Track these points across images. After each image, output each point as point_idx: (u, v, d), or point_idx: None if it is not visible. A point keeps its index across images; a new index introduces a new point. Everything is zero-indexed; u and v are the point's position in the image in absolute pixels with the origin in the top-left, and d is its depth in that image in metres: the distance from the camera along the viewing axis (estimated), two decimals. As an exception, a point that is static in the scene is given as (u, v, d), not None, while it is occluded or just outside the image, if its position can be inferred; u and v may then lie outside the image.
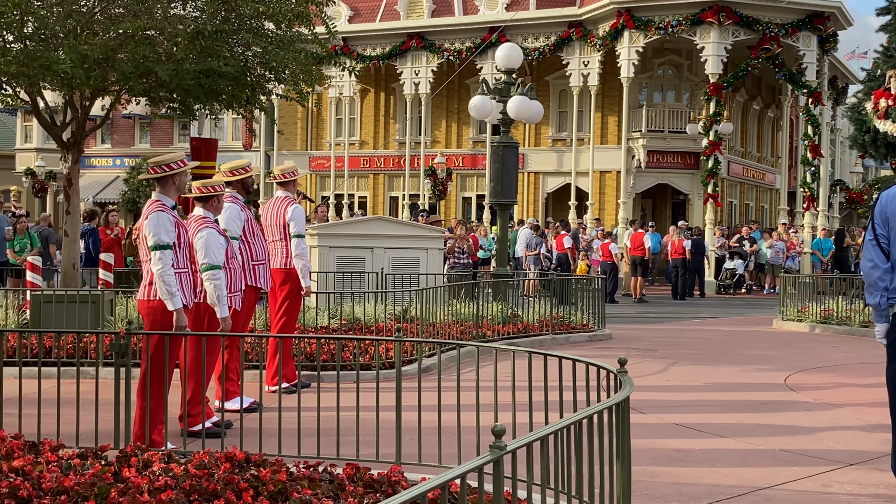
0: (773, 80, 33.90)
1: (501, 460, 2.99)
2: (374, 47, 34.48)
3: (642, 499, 5.41)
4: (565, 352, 5.48)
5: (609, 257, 22.55)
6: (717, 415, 8.09)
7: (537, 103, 15.01)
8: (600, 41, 30.32)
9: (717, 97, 27.78)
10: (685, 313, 19.56)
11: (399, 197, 36.60)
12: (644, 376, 10.14)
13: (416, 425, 5.69)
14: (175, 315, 6.22)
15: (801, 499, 5.55)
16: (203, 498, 4.37)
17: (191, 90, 11.82)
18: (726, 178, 33.90)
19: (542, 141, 34.74)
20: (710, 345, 13.46)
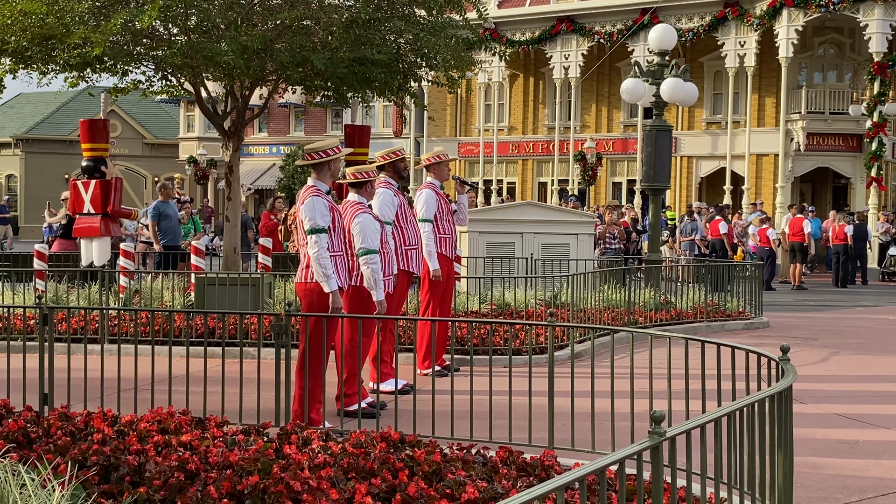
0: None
1: (661, 447, 2.94)
2: (524, 32, 34.36)
3: (804, 490, 5.23)
4: (721, 339, 5.34)
5: (766, 243, 21.84)
6: (883, 406, 7.76)
7: (691, 85, 14.66)
8: (757, 20, 29.33)
9: (881, 76, 26.51)
10: (847, 301, 18.76)
11: (548, 182, 36.45)
12: (804, 365, 9.75)
13: (568, 411, 5.66)
14: (331, 297, 6.38)
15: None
16: (360, 476, 4.47)
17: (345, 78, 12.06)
18: (891, 162, 32.28)
19: (696, 124, 33.92)
20: (874, 334, 12.88)
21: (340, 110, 28.62)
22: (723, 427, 3.42)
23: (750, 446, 3.76)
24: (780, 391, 3.87)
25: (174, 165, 45.79)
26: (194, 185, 43.42)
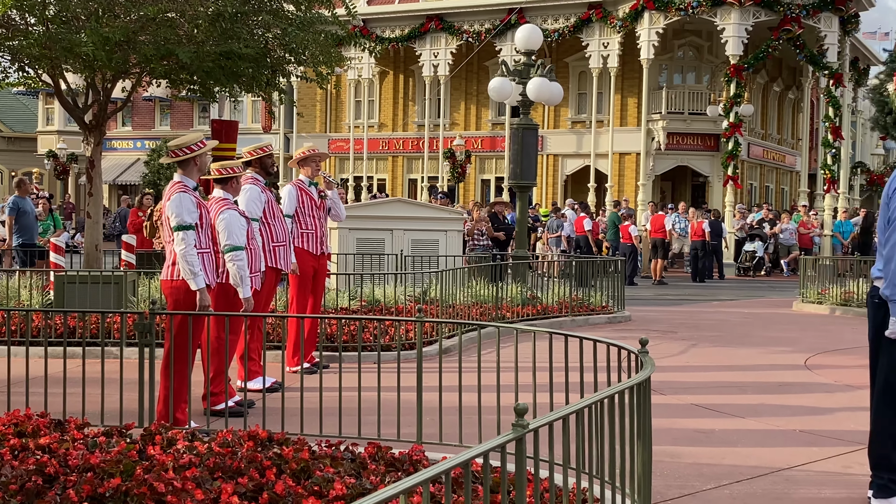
0: (794, 62, 33.67)
1: (524, 439, 3.01)
2: (394, 29, 34.43)
3: (663, 478, 5.43)
4: (585, 333, 5.50)
5: (629, 239, 22.51)
6: (737, 396, 8.11)
7: (557, 85, 14.97)
8: (620, 22, 30.18)
9: (737, 79, 27.64)
10: (704, 295, 19.52)
11: (418, 179, 36.63)
12: (664, 358, 10.14)
13: (437, 405, 5.72)
14: (198, 295, 6.28)
15: (821, 479, 5.56)
16: (227, 475, 4.42)
17: (211, 72, 11.87)
18: (746, 161, 33.76)
19: (562, 123, 34.67)
20: (730, 327, 13.44)
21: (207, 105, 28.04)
22: (584, 418, 3.52)
23: (611, 437, 3.89)
24: (639, 382, 4.00)
25: (33, 160, 44.05)
26: (54, 181, 41.88)
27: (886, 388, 5.03)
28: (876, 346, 5.12)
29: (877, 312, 5.08)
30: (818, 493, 5.31)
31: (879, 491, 5.01)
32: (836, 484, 5.48)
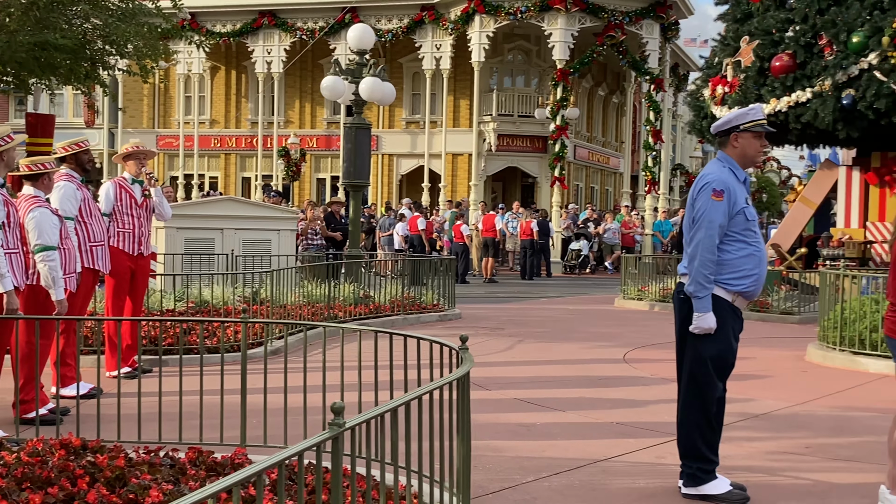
0: (618, 67, 34.93)
1: (341, 437, 3.01)
2: (225, 24, 33.74)
3: (485, 472, 5.53)
4: (414, 331, 5.54)
5: (461, 238, 22.83)
6: (559, 390, 8.34)
7: (389, 85, 15.02)
8: (452, 25, 30.57)
9: (563, 83, 28.43)
10: (533, 293, 20.01)
11: (251, 178, 36.03)
12: (490, 354, 10.35)
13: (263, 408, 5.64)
14: (6, 297, 5.97)
15: (636, 470, 5.79)
16: (36, 486, 4.22)
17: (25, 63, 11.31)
18: (573, 162, 34.83)
19: (396, 123, 34.82)
20: (555, 323, 13.83)
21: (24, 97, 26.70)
22: (400, 415, 3.55)
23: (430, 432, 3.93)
24: (458, 378, 4.06)
25: None
26: None
27: (691, 380, 5.28)
28: (682, 339, 5.37)
29: (682, 307, 5.33)
30: (633, 483, 5.52)
31: (689, 480, 5.26)
32: (650, 474, 5.71)
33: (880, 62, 14.90)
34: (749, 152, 5.30)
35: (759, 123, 5.27)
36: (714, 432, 5.30)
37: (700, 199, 5.21)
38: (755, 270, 5.23)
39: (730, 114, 5.43)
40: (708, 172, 5.30)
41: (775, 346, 11.49)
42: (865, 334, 9.87)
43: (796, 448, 6.40)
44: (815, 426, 7.12)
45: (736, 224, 5.20)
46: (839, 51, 15.28)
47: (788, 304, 15.12)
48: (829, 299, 10.76)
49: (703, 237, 5.13)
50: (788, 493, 5.34)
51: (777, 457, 6.15)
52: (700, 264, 5.11)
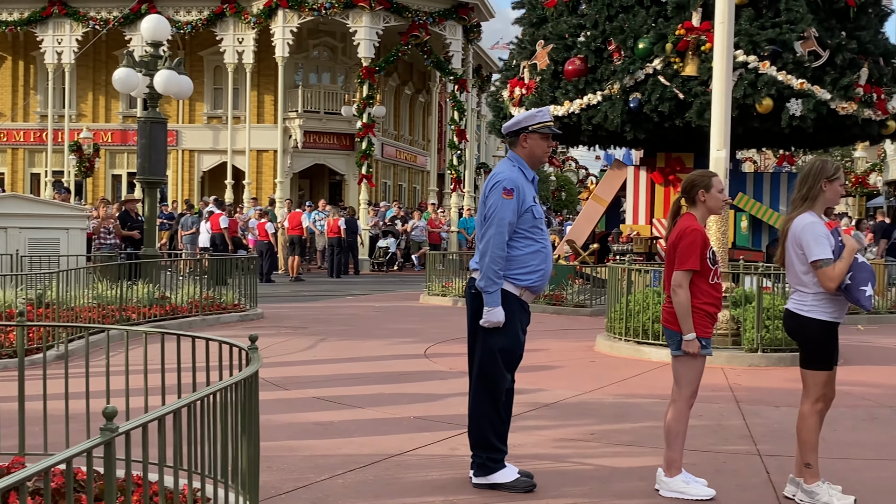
0: (423, 67, 35.36)
1: (113, 442, 2.92)
2: (11, 12, 31.89)
3: (279, 472, 5.49)
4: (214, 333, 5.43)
5: (265, 237, 22.52)
6: (359, 387, 8.37)
7: (186, 78, 14.63)
8: (254, 18, 30.08)
9: (369, 81, 28.50)
10: (339, 291, 20.00)
11: (41, 174, 34.23)
12: (291, 353, 10.28)
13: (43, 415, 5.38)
14: None
15: (430, 462, 5.89)
16: None
17: None
18: (380, 160, 35.02)
19: (197, 118, 33.96)
20: (360, 320, 13.88)
21: None
22: (183, 418, 3.48)
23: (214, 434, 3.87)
24: (244, 379, 4.02)
25: None
26: None
27: (481, 372, 5.43)
28: (473, 333, 5.51)
29: (473, 301, 5.48)
30: (426, 475, 5.61)
31: (479, 469, 5.40)
32: (443, 466, 5.82)
33: (664, 67, 15.77)
34: (537, 152, 5.48)
35: (546, 125, 5.46)
36: (503, 422, 5.47)
37: (491, 197, 5.35)
38: (542, 266, 5.43)
39: (519, 115, 5.59)
40: (499, 171, 5.46)
41: (567, 338, 11.96)
42: (648, 325, 10.43)
43: (582, 435, 6.69)
44: (600, 413, 7.46)
45: (524, 222, 5.37)
46: (627, 56, 16.07)
47: (581, 297, 15.77)
48: (617, 292, 11.29)
49: (493, 234, 5.27)
50: (573, 478, 5.57)
51: (564, 444, 6.40)
52: (491, 260, 5.25)
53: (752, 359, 10.08)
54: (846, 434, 6.88)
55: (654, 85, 15.79)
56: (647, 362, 10.05)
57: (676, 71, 15.64)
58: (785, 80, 15.36)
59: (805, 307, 5.14)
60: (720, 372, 9.48)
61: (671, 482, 5.26)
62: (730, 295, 10.55)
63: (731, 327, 10.47)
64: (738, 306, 10.59)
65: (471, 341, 5.55)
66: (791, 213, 5.31)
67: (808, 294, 5.14)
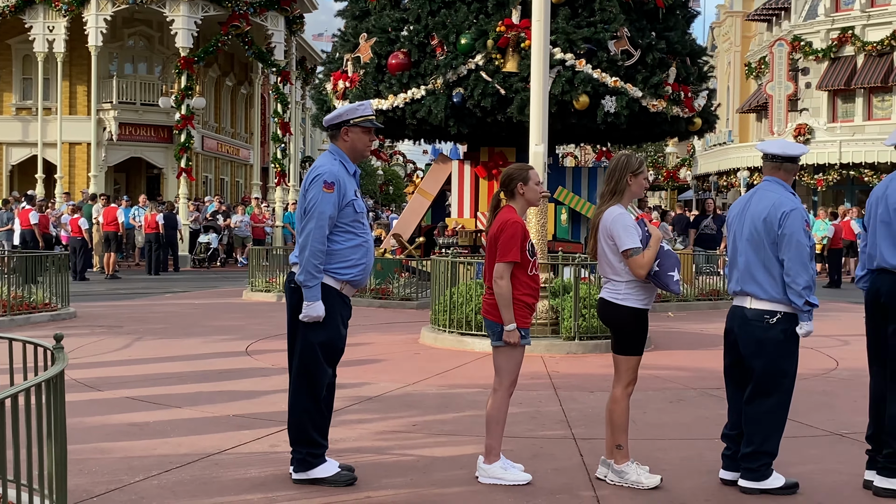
0: (245, 58, 34.69)
1: None
2: None
3: (90, 476, 5.28)
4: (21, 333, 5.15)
5: (79, 233, 21.58)
6: (176, 386, 8.14)
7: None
8: (66, 6, 28.71)
9: (188, 71, 27.75)
10: (158, 288, 19.40)
11: None
12: (105, 353, 9.91)
13: None
14: None
15: (249, 460, 5.79)
16: None
17: None
18: (201, 153, 34.17)
19: (6, 109, 32.23)
20: (179, 318, 13.50)
21: None
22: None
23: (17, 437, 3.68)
24: (48, 379, 3.83)
25: None
26: None
27: (301, 367, 5.38)
28: (293, 328, 5.45)
29: (292, 296, 5.41)
30: (245, 473, 5.51)
31: (299, 465, 5.35)
32: (263, 463, 5.73)
33: (486, 63, 16.03)
34: (359, 146, 5.45)
35: (367, 119, 5.44)
36: (323, 417, 5.43)
37: (311, 190, 5.29)
38: (363, 260, 5.42)
39: (341, 108, 5.55)
40: (319, 165, 5.40)
41: (393, 331, 12.00)
42: (472, 316, 10.60)
43: (405, 427, 6.73)
44: (423, 405, 7.53)
45: (345, 215, 5.34)
46: (449, 51, 16.24)
47: (408, 290, 15.87)
48: (441, 285, 11.42)
49: (313, 228, 5.21)
50: (394, 469, 5.60)
51: (386, 436, 6.42)
52: (310, 254, 5.20)
53: (570, 346, 10.41)
54: (655, 416, 7.20)
55: (477, 80, 16.02)
56: (470, 353, 10.21)
57: (498, 67, 15.92)
58: (600, 78, 15.88)
59: (619, 296, 5.34)
60: (539, 360, 9.74)
61: (490, 469, 5.36)
62: (549, 285, 10.85)
63: (550, 317, 10.77)
64: (556, 296, 10.90)
65: (290, 336, 5.48)
66: (600, 206, 5.50)
67: (620, 283, 5.34)
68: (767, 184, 5.38)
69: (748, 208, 5.36)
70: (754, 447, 5.22)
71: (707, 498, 5.16)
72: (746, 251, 5.28)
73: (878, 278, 5.36)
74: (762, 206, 5.25)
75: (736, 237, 5.40)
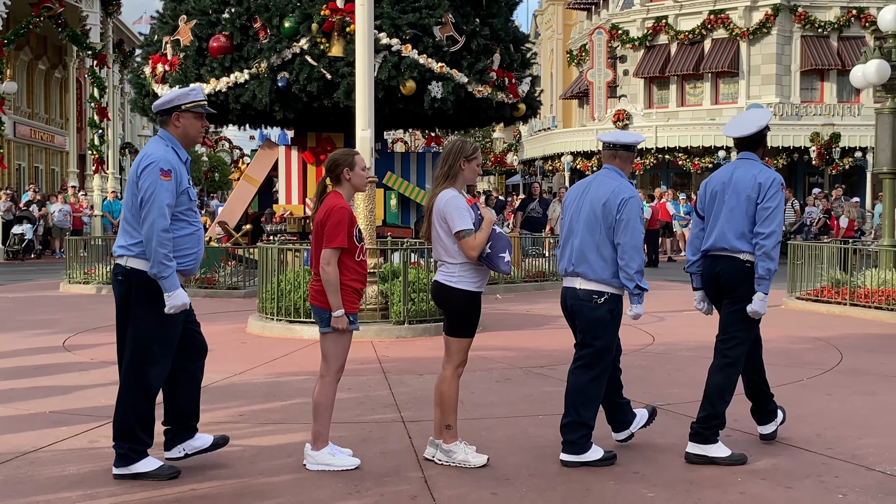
0: (59, 40, 33.09)
1: None
2: None
3: None
4: None
5: None
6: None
7: None
8: None
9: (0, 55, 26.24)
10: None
11: None
12: None
13: None
14: None
15: (67, 457, 5.56)
16: None
17: None
18: (13, 140, 32.47)
19: None
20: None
21: None
22: None
23: None
24: None
25: None
26: None
27: (131, 362, 5.19)
28: (122, 322, 5.26)
29: (120, 288, 5.25)
30: (63, 470, 5.29)
31: (121, 460, 5.17)
32: (82, 459, 5.52)
33: (311, 47, 15.89)
34: (191, 132, 5.33)
35: (199, 104, 5.33)
36: (152, 412, 5.26)
37: (146, 178, 5.10)
38: (195, 249, 5.29)
39: (171, 93, 5.40)
40: (152, 152, 5.21)
41: (220, 321, 11.76)
42: (300, 303, 10.50)
43: (231, 417, 6.61)
44: (250, 394, 7.41)
45: (180, 204, 5.21)
46: (273, 35, 16.00)
47: (235, 279, 15.58)
48: (269, 273, 11.26)
49: (156, 217, 5.05)
50: (220, 460, 5.49)
51: (212, 427, 6.26)
52: (157, 244, 5.04)
53: (400, 331, 10.47)
54: (482, 396, 7.33)
55: (302, 65, 15.86)
56: (298, 341, 10.11)
57: (323, 51, 15.81)
58: (426, 64, 16.01)
59: (453, 279, 5.41)
60: (369, 345, 9.75)
61: (317, 455, 5.34)
62: (378, 270, 10.87)
63: (380, 301, 10.80)
64: (386, 281, 10.93)
65: (120, 328, 5.28)
66: (434, 189, 5.56)
67: (454, 266, 5.40)
68: (606, 171, 5.64)
69: (587, 193, 5.58)
70: (571, 418, 5.42)
71: (531, 473, 5.30)
72: (582, 233, 5.49)
73: (718, 261, 5.71)
74: (602, 192, 5.49)
75: (572, 219, 5.61)
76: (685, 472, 5.31)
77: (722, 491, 4.97)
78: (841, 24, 37.14)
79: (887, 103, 14.42)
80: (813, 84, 38.11)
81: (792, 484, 5.10)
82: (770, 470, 5.35)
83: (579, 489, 5.01)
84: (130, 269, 5.15)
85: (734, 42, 37.66)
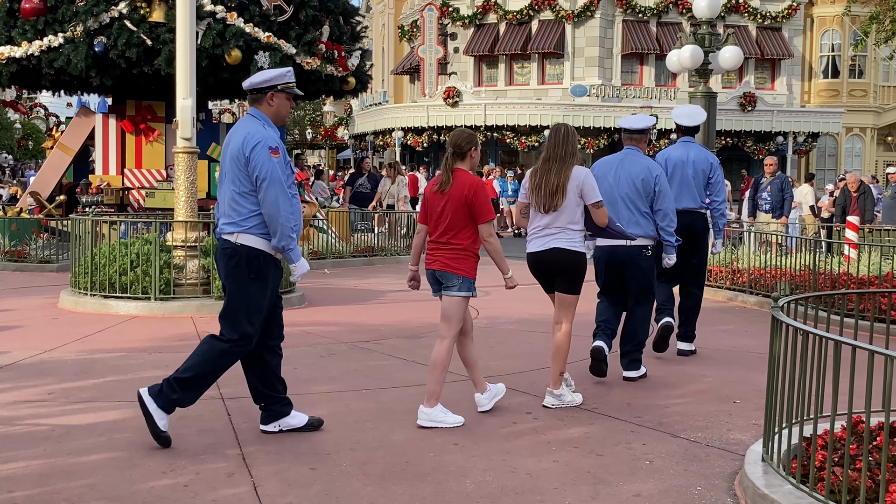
0: None
1: None
2: None
3: None
4: None
5: None
6: None
7: None
8: None
9: None
10: None
11: None
12: None
13: None
14: None
15: None
16: None
17: None
18: None
19: None
20: None
21: None
22: None
23: None
24: None
25: None
26: None
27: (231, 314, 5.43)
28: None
29: (228, 263, 5.35)
30: None
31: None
32: None
33: (130, 12, 15.26)
34: (282, 112, 5.45)
35: (292, 85, 5.43)
36: None
37: (257, 157, 5.16)
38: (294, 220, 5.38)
39: (267, 72, 5.42)
40: (255, 131, 5.24)
41: (31, 295, 11.21)
42: (116, 278, 10.11)
43: (39, 395, 6.31)
44: (60, 372, 7.08)
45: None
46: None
47: (47, 252, 14.86)
48: (82, 245, 10.78)
49: (278, 193, 5.17)
50: (26, 440, 5.23)
51: (18, 406, 5.99)
52: (284, 219, 5.19)
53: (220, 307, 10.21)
54: (305, 371, 7.26)
55: (121, 29, 15.19)
56: (113, 316, 9.73)
57: (143, 16, 15.19)
58: (252, 33, 15.63)
59: (576, 244, 6.15)
60: (189, 321, 9.49)
61: (431, 412, 5.72)
62: (200, 244, 10.59)
63: (202, 276, 10.53)
64: (208, 256, 10.67)
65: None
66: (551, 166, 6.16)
67: (577, 232, 6.17)
68: (631, 151, 7.16)
69: (621, 169, 7.07)
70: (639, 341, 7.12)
71: (352, 447, 5.29)
72: (627, 203, 6.99)
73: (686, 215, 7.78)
74: (637, 170, 7.02)
75: (613, 191, 7.00)
76: (502, 443, 5.42)
77: (537, 459, 5.10)
78: (660, 10, 38.56)
79: (700, 87, 15.11)
80: (633, 67, 39.46)
81: (603, 451, 5.28)
82: (582, 438, 5.53)
83: (399, 462, 5.03)
84: (240, 245, 5.27)
85: (560, 24, 38.52)
